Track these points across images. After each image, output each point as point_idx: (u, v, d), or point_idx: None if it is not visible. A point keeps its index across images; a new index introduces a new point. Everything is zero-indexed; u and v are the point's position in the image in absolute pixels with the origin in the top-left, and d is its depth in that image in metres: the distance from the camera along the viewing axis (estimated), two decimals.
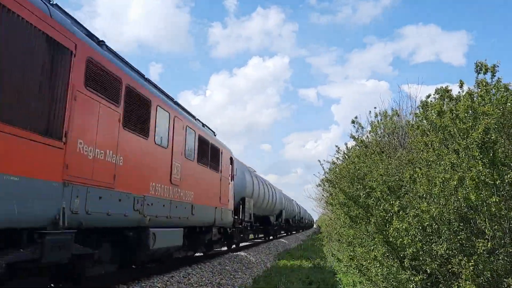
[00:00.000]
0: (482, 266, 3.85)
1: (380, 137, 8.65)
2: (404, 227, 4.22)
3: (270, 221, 24.57)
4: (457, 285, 3.85)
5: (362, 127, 8.84)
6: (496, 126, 3.68)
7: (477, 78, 4.44)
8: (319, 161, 9.91)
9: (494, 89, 4.17)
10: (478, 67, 4.43)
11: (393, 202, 4.86)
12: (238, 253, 15.21)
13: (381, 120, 8.99)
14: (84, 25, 6.14)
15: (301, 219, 48.85)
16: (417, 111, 6.01)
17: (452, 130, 3.98)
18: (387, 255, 5.00)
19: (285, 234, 36.43)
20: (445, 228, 4.04)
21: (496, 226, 3.92)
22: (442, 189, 4.01)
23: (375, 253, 4.86)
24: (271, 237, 27.54)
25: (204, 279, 9.43)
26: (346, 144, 10.30)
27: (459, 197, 3.83)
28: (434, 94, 5.48)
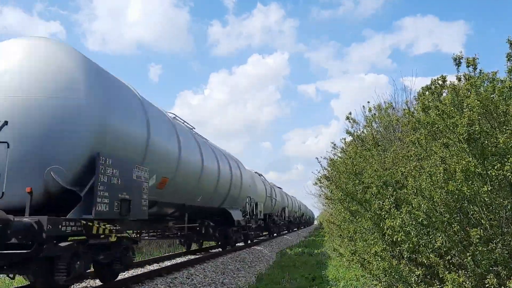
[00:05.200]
0: (480, 257, 3.87)
1: (376, 132, 8.68)
2: (397, 223, 4.25)
3: (232, 219, 13.89)
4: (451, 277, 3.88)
5: (356, 122, 8.90)
6: (480, 118, 3.71)
7: (458, 71, 4.48)
8: (316, 158, 10.00)
9: (478, 81, 4.20)
10: (456, 60, 4.46)
11: (389, 197, 4.88)
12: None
13: (375, 114, 9.04)
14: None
15: (296, 215, 38.30)
16: (405, 107, 6.04)
17: (440, 125, 4.02)
18: (387, 250, 5.03)
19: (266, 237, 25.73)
20: (438, 221, 4.08)
21: (491, 216, 3.95)
22: (431, 183, 4.04)
23: (375, 249, 4.89)
24: (242, 244, 17.46)
25: (207, 279, 9.48)
26: (342, 139, 10.35)
27: (448, 190, 3.86)
28: (425, 89, 5.51)
